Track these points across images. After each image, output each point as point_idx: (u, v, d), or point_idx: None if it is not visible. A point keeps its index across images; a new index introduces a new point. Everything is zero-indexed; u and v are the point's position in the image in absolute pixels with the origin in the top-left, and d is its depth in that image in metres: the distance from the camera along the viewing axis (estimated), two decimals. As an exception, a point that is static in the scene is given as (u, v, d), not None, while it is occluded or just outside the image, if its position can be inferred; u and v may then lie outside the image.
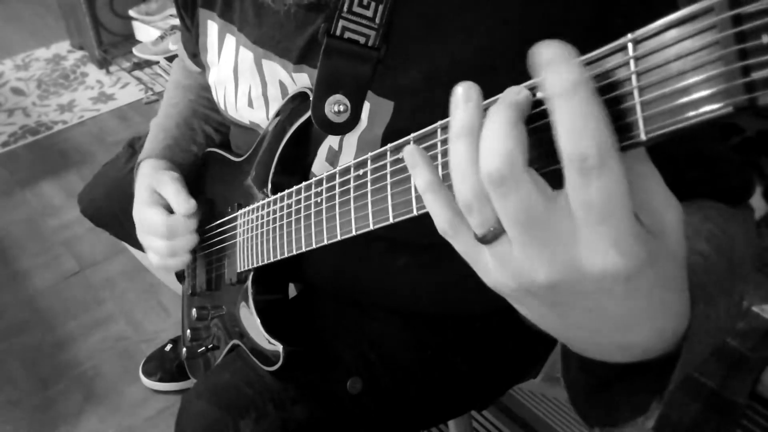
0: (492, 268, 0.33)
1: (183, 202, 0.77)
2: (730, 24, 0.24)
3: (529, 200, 0.29)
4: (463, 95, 0.32)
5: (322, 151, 0.64)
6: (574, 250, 0.29)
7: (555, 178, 0.30)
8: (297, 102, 0.64)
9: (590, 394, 0.39)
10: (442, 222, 0.34)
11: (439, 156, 0.38)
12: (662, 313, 0.32)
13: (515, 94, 0.31)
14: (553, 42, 0.28)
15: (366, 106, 0.59)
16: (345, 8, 0.56)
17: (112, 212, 1.00)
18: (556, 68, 0.28)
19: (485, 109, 0.32)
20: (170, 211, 0.79)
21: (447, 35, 0.53)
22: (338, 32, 0.57)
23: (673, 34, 0.27)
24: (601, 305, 0.31)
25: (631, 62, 0.28)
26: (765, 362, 1.36)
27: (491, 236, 0.31)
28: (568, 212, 0.29)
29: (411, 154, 0.35)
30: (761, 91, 0.24)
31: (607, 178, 0.27)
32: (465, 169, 0.31)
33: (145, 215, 0.79)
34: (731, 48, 0.24)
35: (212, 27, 0.73)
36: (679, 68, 0.26)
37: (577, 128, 0.27)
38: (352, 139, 0.61)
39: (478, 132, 0.31)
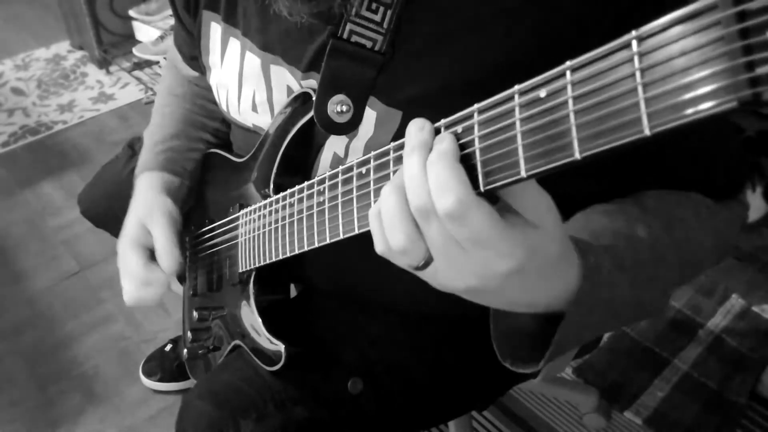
0: (426, 279, 0.44)
1: (168, 259, 0.76)
2: (735, 20, 0.24)
3: (446, 233, 0.39)
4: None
5: (327, 158, 0.64)
6: (480, 262, 0.39)
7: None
8: (300, 102, 0.64)
9: (510, 341, 0.50)
10: (381, 249, 0.44)
11: None
12: (552, 283, 0.43)
13: (421, 135, 0.40)
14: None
15: (372, 115, 0.59)
16: (353, 12, 0.56)
17: (112, 213, 1.00)
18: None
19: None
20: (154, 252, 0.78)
21: (458, 49, 0.53)
22: (345, 35, 0.57)
23: (677, 30, 0.27)
24: (507, 289, 0.41)
25: (635, 59, 0.28)
26: (765, 362, 1.36)
27: (423, 266, 0.42)
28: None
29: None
30: (766, 86, 0.24)
31: (471, 222, 0.37)
32: (395, 219, 0.41)
33: (125, 253, 0.78)
34: (736, 44, 0.25)
35: (215, 29, 0.73)
36: (684, 64, 0.26)
37: (441, 189, 0.37)
38: (358, 145, 0.61)
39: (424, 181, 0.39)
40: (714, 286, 1.53)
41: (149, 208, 0.80)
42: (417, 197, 0.39)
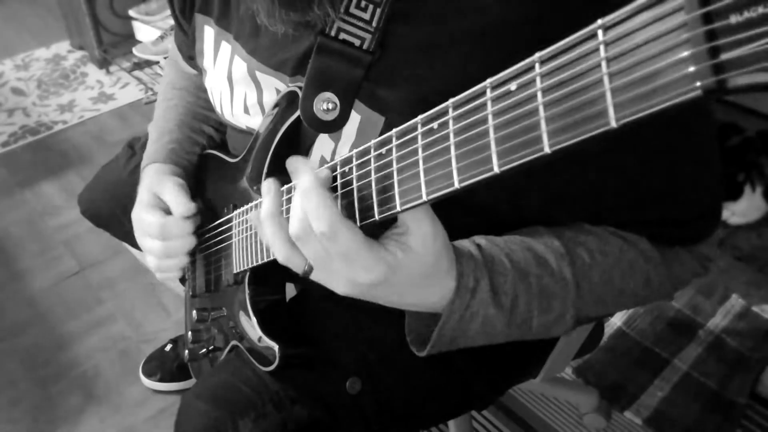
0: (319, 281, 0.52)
1: (181, 204, 0.78)
2: (698, 5, 0.24)
3: (314, 251, 0.49)
4: (266, 188, 0.54)
5: (315, 162, 0.64)
6: (347, 273, 0.48)
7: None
8: (287, 101, 0.64)
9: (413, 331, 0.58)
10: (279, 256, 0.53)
11: (420, 150, 0.41)
12: (423, 294, 0.51)
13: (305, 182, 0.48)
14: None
15: (357, 118, 0.59)
16: (342, 9, 0.56)
17: (112, 212, 1.00)
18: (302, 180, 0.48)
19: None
20: (169, 214, 0.79)
21: (443, 59, 0.53)
22: (333, 33, 0.57)
23: (642, 18, 0.26)
24: (379, 295, 0.51)
25: (601, 48, 0.28)
26: (765, 362, 1.36)
27: (306, 273, 0.52)
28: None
29: (267, 184, 0.54)
30: (730, 73, 0.23)
31: (340, 242, 0.46)
32: (277, 237, 0.52)
33: (141, 216, 0.80)
34: (699, 29, 0.24)
35: (208, 33, 0.73)
36: (649, 53, 0.26)
37: (314, 215, 0.46)
38: (343, 151, 0.61)
39: (279, 214, 0.53)
40: (714, 286, 1.53)
41: (160, 179, 0.82)
42: (292, 226, 0.49)
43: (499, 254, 0.54)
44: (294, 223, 0.48)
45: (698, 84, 0.24)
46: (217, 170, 0.84)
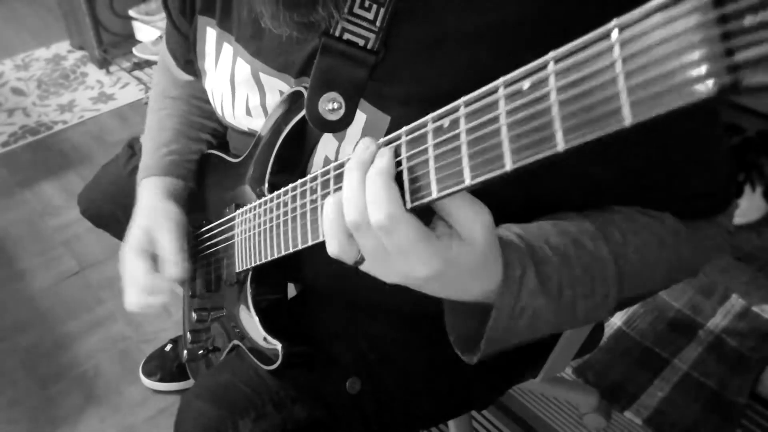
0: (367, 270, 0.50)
1: (175, 267, 0.76)
2: (712, 6, 0.24)
3: (372, 242, 0.45)
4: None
5: (319, 161, 0.64)
6: (403, 267, 0.45)
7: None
8: (292, 101, 0.64)
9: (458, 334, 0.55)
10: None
11: (430, 149, 0.41)
12: (473, 285, 0.48)
13: (363, 155, 0.45)
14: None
15: (362, 118, 0.59)
16: (346, 9, 0.56)
17: (112, 212, 1.00)
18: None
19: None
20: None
21: (447, 59, 0.53)
22: (337, 33, 0.57)
23: (657, 18, 0.26)
24: (428, 287, 0.48)
25: (616, 48, 0.28)
26: (765, 362, 1.36)
27: (357, 263, 0.49)
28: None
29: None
30: (745, 73, 0.24)
31: (398, 235, 0.43)
32: (331, 230, 0.48)
33: (131, 261, 0.78)
34: (714, 30, 0.24)
35: (210, 34, 0.73)
36: (664, 52, 0.26)
37: (374, 202, 0.43)
38: (347, 150, 0.61)
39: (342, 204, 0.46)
40: (714, 286, 1.53)
41: (154, 215, 0.80)
42: (351, 213, 0.45)
43: (538, 241, 0.53)
44: (352, 211, 0.45)
45: (713, 83, 0.25)
46: (218, 170, 0.84)
